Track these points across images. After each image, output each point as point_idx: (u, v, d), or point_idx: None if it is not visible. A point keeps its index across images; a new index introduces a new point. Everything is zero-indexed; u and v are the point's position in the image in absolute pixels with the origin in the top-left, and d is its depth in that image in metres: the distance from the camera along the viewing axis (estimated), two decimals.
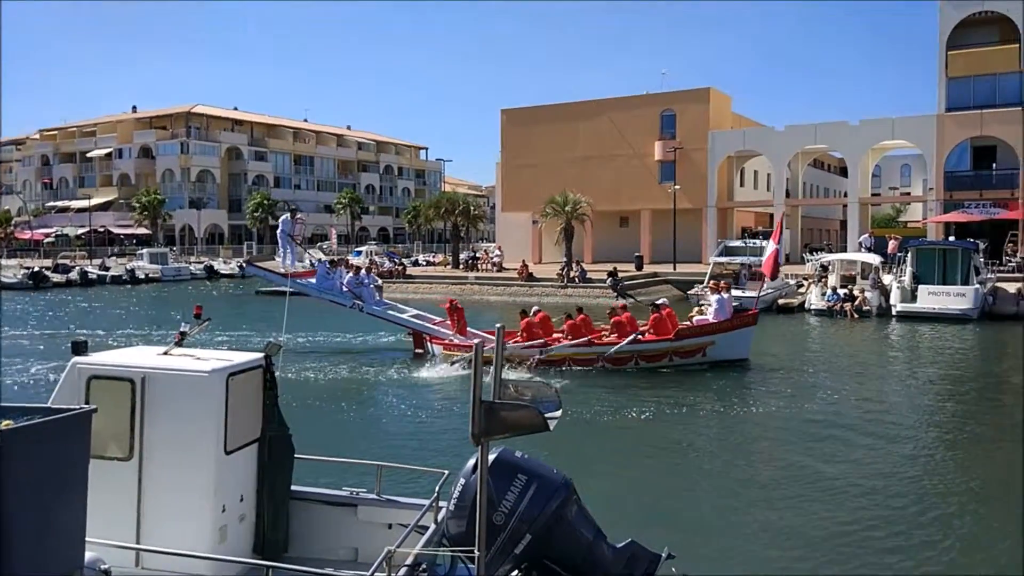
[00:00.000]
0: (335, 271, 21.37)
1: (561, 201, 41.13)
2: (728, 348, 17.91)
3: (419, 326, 20.60)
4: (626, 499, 9.42)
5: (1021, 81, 41.26)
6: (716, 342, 17.81)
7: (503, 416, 3.81)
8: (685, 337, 17.71)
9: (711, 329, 17.94)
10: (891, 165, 75.98)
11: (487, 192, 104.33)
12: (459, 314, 19.92)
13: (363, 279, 21.33)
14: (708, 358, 17.80)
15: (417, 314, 21.26)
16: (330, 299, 21.12)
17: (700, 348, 17.80)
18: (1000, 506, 9.26)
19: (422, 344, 20.37)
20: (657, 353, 17.57)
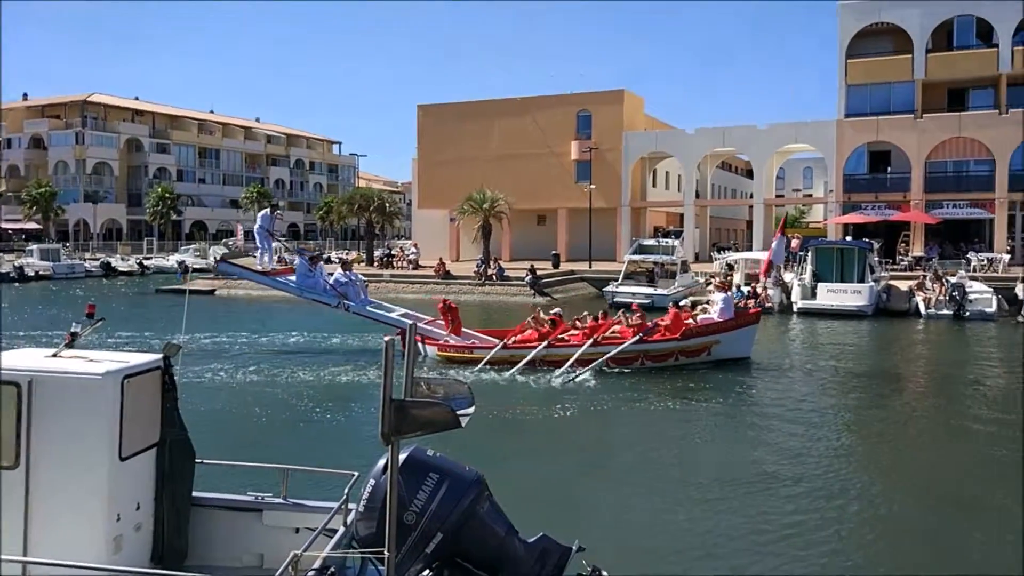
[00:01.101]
0: (316, 268, 20.39)
1: (479, 198, 41.13)
2: (732, 347, 17.97)
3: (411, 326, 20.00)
4: (544, 494, 9.47)
5: (913, 90, 43.49)
6: (721, 341, 17.80)
7: (414, 414, 3.74)
8: (691, 336, 17.59)
9: (716, 328, 17.91)
10: (794, 168, 79.00)
11: (403, 188, 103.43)
12: (453, 314, 19.36)
13: (349, 277, 20.39)
14: (712, 357, 17.74)
15: (406, 313, 20.67)
16: (313, 298, 20.23)
17: (706, 347, 17.74)
18: (905, 499, 9.67)
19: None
20: (664, 352, 17.40)
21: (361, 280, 21.01)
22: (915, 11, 42.90)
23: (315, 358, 19.24)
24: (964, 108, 43.76)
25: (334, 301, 19.72)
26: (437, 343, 18.82)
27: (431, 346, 18.93)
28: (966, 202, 42.42)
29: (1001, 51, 41.51)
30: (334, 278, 20.03)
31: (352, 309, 19.75)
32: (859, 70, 44.35)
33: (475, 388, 12.21)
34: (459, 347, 18.54)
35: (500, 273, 37.99)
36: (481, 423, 12.43)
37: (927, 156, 42.57)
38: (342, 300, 19.64)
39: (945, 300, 28.44)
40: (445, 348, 18.62)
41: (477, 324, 24.15)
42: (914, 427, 13.53)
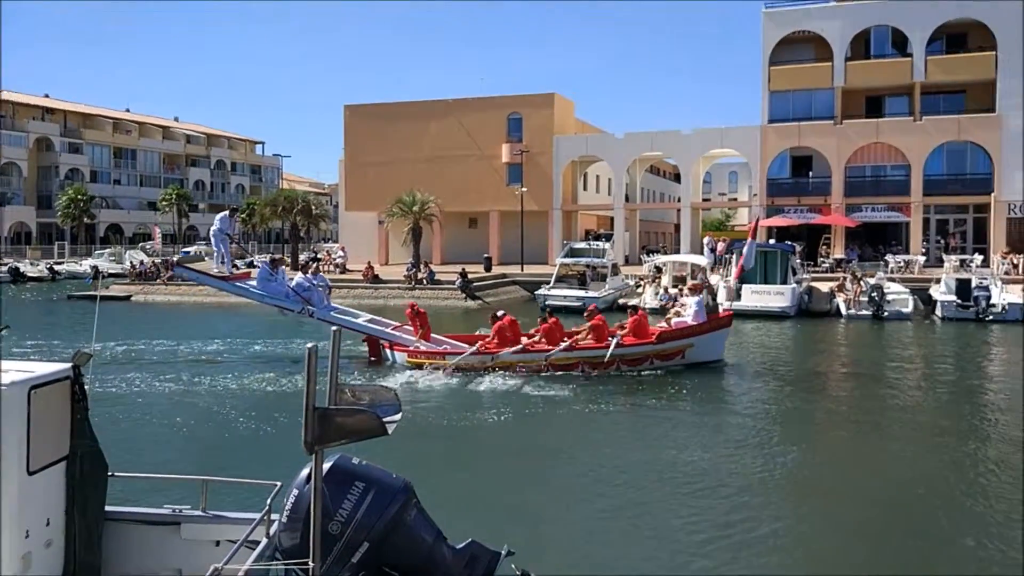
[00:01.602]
0: (277, 272, 19.62)
1: (408, 201, 40.85)
2: (705, 350, 18.00)
3: (378, 332, 19.37)
4: (476, 499, 9.41)
5: (833, 97, 44.98)
6: (695, 344, 17.78)
7: (338, 422, 3.66)
8: (666, 340, 17.52)
9: (691, 332, 17.87)
10: (720, 172, 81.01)
11: (330, 190, 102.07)
12: (422, 319, 19.00)
13: (312, 280, 19.67)
14: (686, 360, 17.71)
15: (372, 319, 20.14)
16: (275, 304, 19.53)
17: (680, 351, 17.70)
18: (839, 495, 9.91)
19: (378, 351, 19.28)
20: (639, 356, 17.31)
21: (326, 284, 20.41)
22: (835, 20, 44.43)
23: (237, 366, 18.71)
24: (881, 115, 45.52)
25: (297, 306, 19.09)
26: (407, 349, 18.46)
27: (400, 352, 18.57)
28: (884, 206, 44.10)
29: (915, 61, 43.27)
30: (295, 282, 19.41)
31: (316, 315, 19.10)
32: (782, 77, 45.67)
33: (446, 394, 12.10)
34: (430, 353, 18.21)
35: (431, 277, 37.76)
36: (422, 429, 12.32)
37: (847, 161, 44.12)
38: (306, 305, 19.01)
39: (864, 301, 29.45)
40: (416, 355, 18.25)
41: None
42: (845, 424, 13.90)
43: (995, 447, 11.84)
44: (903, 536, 8.40)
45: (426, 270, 38.55)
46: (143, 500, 6.00)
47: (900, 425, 13.38)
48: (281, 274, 19.74)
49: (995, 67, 41.86)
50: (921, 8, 43.08)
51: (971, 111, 43.25)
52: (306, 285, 19.38)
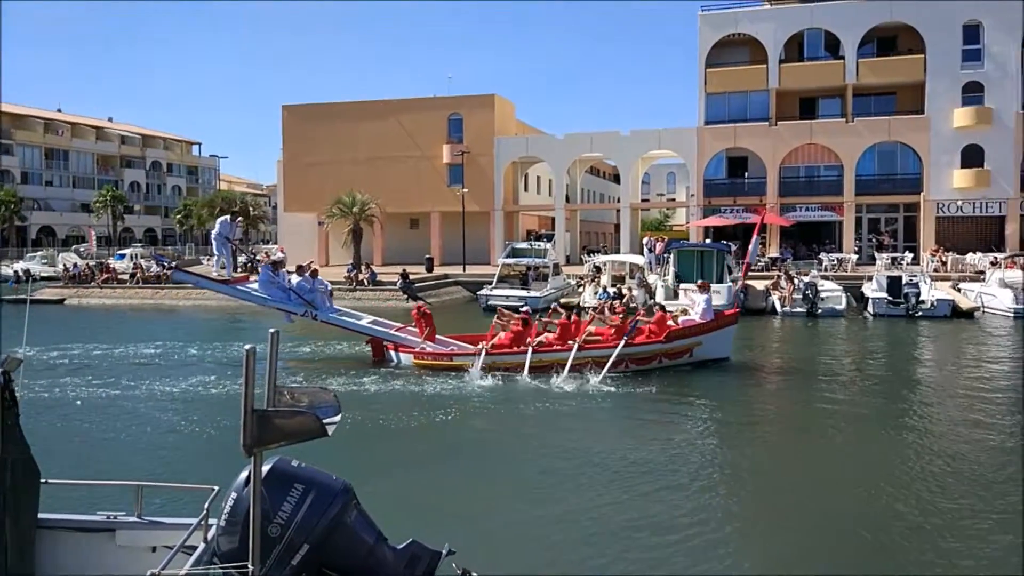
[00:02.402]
0: (278, 274, 19.50)
1: (348, 201, 40.51)
2: (713, 348, 17.98)
3: (382, 334, 19.22)
4: (419, 499, 9.38)
5: (768, 98, 46.04)
6: (703, 343, 17.76)
7: (277, 424, 3.65)
8: (676, 339, 17.43)
9: (699, 330, 17.85)
10: (659, 173, 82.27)
11: (268, 191, 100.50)
12: (428, 320, 18.92)
13: (313, 284, 19.56)
14: (694, 358, 17.72)
15: (375, 320, 20.03)
16: (277, 307, 19.51)
17: (688, 349, 17.68)
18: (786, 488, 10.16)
19: (382, 353, 19.07)
20: (648, 355, 17.23)
21: (326, 287, 20.29)
22: (769, 23, 45.50)
23: (174, 369, 18.30)
24: (815, 116, 46.73)
25: (301, 309, 19.10)
26: (413, 351, 18.29)
27: (405, 354, 18.37)
28: (817, 205, 45.32)
29: (847, 63, 44.56)
30: (296, 284, 19.33)
31: (320, 317, 19.17)
32: (718, 79, 46.55)
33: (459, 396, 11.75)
34: (438, 354, 18.07)
35: (372, 278, 37.47)
36: (379, 429, 12.25)
37: (781, 162, 45.23)
38: (309, 308, 18.98)
39: (798, 299, 30.23)
40: (422, 356, 18.09)
41: (346, 333, 23.79)
42: (782, 418, 14.26)
43: (933, 437, 12.29)
44: (845, 530, 8.67)
45: (367, 271, 38.24)
46: (77, 507, 5.86)
47: (833, 418, 13.77)
48: (282, 277, 19.68)
49: (924, 70, 43.40)
50: (852, 11, 44.44)
51: (901, 112, 44.77)
52: (307, 287, 19.35)
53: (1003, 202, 42.42)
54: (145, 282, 40.30)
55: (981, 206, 42.91)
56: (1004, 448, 11.46)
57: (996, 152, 42.24)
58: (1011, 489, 9.52)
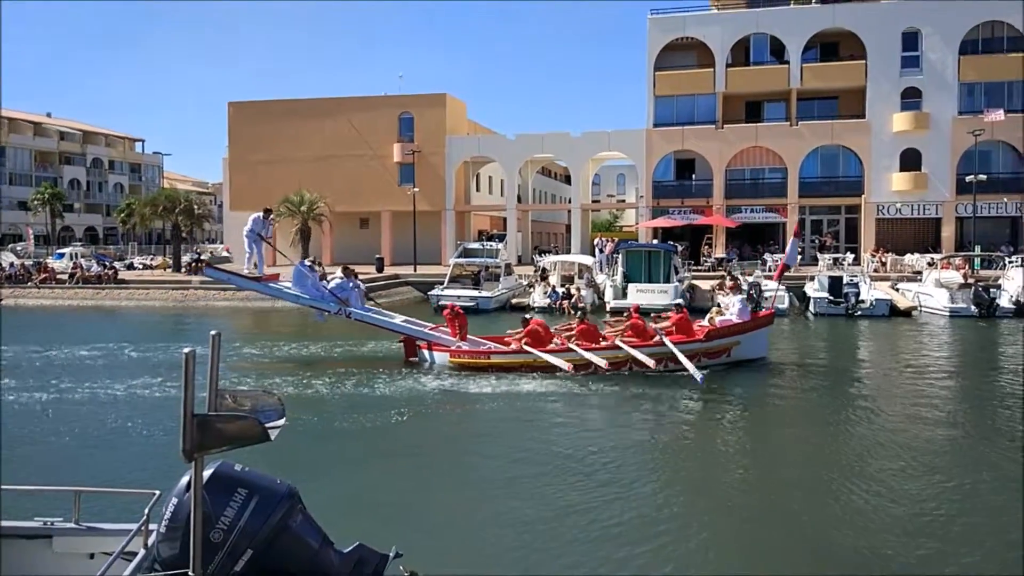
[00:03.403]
0: (312, 273, 19.63)
1: (296, 200, 40.05)
2: (750, 347, 18.07)
3: (416, 332, 19.07)
4: (364, 502, 9.31)
5: (715, 102, 46.79)
6: (741, 342, 17.85)
7: (219, 429, 3.60)
8: (715, 338, 17.50)
9: (737, 329, 17.90)
10: (609, 174, 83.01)
11: (214, 189, 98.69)
12: (461, 320, 18.85)
13: (350, 283, 19.60)
14: (732, 358, 17.76)
15: (408, 320, 19.93)
16: (311, 305, 19.56)
17: (726, 348, 17.74)
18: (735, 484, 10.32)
19: (414, 352, 18.81)
20: (688, 354, 16.99)
21: (362, 288, 20.30)
22: (716, 28, 46.24)
23: (117, 371, 17.83)
24: (760, 119, 47.66)
25: (334, 307, 19.12)
26: (448, 349, 18.11)
27: (440, 352, 18.19)
28: (762, 207, 46.24)
29: (791, 68, 45.53)
30: (335, 284, 19.40)
31: (355, 316, 19.21)
32: (666, 82, 47.14)
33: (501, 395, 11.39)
34: (474, 353, 17.93)
35: (321, 278, 36.96)
36: (329, 431, 12.11)
37: (727, 164, 46.03)
38: (343, 306, 19.00)
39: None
40: (458, 354, 17.92)
41: (296, 333, 23.53)
42: (730, 412, 14.49)
43: (874, 429, 12.62)
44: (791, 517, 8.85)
45: (318, 270, 37.72)
46: (12, 513, 5.69)
47: (780, 412, 14.08)
48: (315, 275, 19.75)
49: (865, 75, 44.57)
50: (796, 16, 45.45)
51: (843, 116, 45.92)
52: (348, 286, 19.37)
53: (939, 204, 43.77)
54: (85, 282, 39.24)
55: (919, 208, 44.23)
56: (940, 438, 11.86)
57: (933, 156, 43.59)
58: (956, 474, 9.85)
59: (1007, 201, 42.84)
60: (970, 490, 9.62)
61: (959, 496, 9.39)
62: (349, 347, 21.23)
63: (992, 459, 10.92)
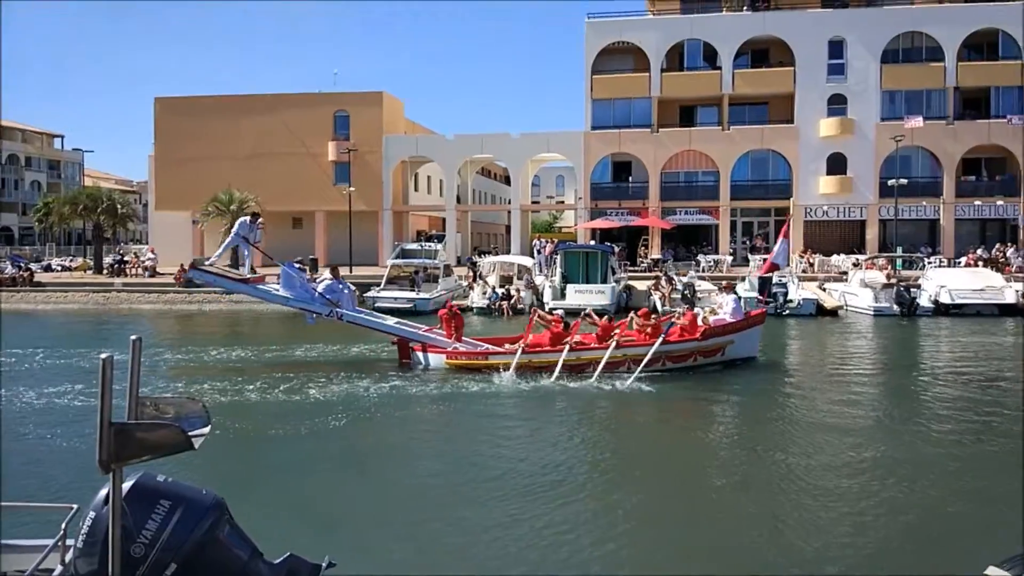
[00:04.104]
0: (300, 274, 19.38)
1: (226, 199, 39.14)
2: (743, 346, 18.32)
3: (409, 333, 18.73)
4: (297, 510, 9.05)
5: (651, 106, 47.40)
6: (735, 341, 18.07)
7: (139, 438, 3.42)
8: (710, 337, 17.66)
9: (732, 328, 18.16)
10: (548, 175, 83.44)
11: (139, 188, 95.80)
12: (457, 320, 18.71)
13: (339, 283, 19.26)
14: (726, 357, 17.97)
15: (400, 321, 19.81)
16: (301, 307, 19.12)
17: (721, 347, 17.93)
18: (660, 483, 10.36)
19: (408, 354, 18.36)
20: (685, 353, 17.32)
21: (352, 289, 19.86)
22: (651, 33, 46.85)
23: (32, 378, 17.04)
24: (693, 124, 48.47)
25: (325, 310, 18.72)
26: (445, 351, 17.80)
27: (436, 354, 17.88)
28: (696, 209, 47.04)
29: (724, 74, 46.43)
30: (325, 285, 19.04)
31: (346, 318, 18.85)
32: (603, 86, 47.58)
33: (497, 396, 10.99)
34: (472, 354, 17.65)
35: None
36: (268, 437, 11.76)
37: (663, 167, 46.70)
38: (334, 308, 18.61)
39: (678, 298, 31.27)
40: (455, 356, 17.62)
41: (226, 336, 22.97)
42: (658, 410, 14.64)
43: (803, 423, 12.90)
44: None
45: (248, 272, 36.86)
46: None
47: (720, 410, 14.29)
48: (303, 276, 19.55)
49: (793, 82, 45.75)
50: (728, 23, 46.39)
51: (773, 122, 47.01)
52: (338, 287, 19.05)
53: (864, 207, 45.20)
54: None
55: (844, 211, 45.60)
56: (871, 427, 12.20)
57: (857, 160, 45.01)
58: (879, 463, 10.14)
59: (926, 204, 44.52)
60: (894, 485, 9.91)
61: (885, 490, 9.65)
62: (280, 351, 20.82)
63: (913, 445, 11.29)
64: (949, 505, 9.17)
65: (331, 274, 19.76)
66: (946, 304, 29.85)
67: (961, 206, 44.35)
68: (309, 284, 19.28)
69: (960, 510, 9.03)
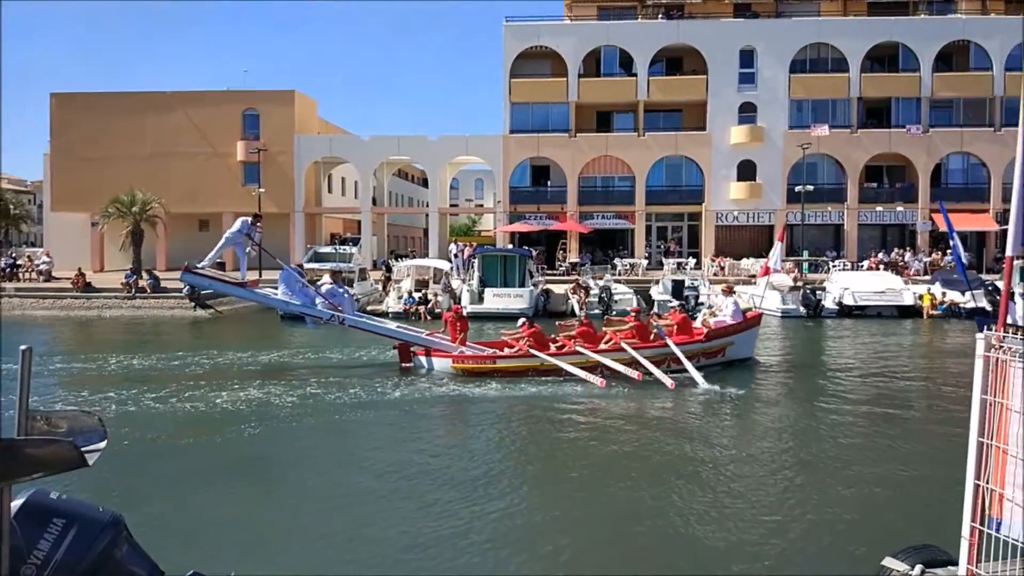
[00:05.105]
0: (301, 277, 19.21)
1: (127, 200, 37.56)
2: (742, 347, 18.66)
3: (413, 337, 18.19)
4: (201, 525, 8.56)
5: (568, 111, 47.82)
6: (735, 342, 18.35)
7: (27, 455, 3.08)
8: (714, 338, 17.92)
9: (733, 330, 18.44)
10: (467, 178, 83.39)
11: (33, 188, 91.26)
12: (463, 323, 18.50)
13: (339, 287, 19.23)
14: (726, 357, 18.16)
15: (402, 325, 19.78)
16: (301, 311, 18.68)
17: (722, 348, 18.13)
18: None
19: (408, 358, 17.80)
20: (689, 354, 17.17)
21: (351, 294, 19.47)
22: (569, 38, 47.29)
23: None
24: (610, 130, 49.10)
25: (326, 314, 18.34)
26: (450, 355, 17.51)
27: (441, 358, 17.44)
28: (613, 214, 47.71)
29: (639, 81, 47.22)
30: (326, 289, 18.81)
31: (349, 322, 18.54)
32: (522, 90, 47.75)
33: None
34: (480, 358, 17.40)
35: (154, 285, 34.74)
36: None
37: (580, 172, 47.18)
38: (336, 313, 18.23)
39: (595, 302, 31.64)
40: (462, 360, 17.15)
41: (126, 344, 21.98)
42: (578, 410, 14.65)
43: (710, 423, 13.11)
44: None
45: (149, 277, 35.40)
46: None
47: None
48: (303, 280, 19.34)
49: (706, 89, 46.91)
50: (643, 31, 47.24)
51: (686, 129, 48.09)
52: (338, 291, 18.86)
53: (772, 212, 46.70)
54: None
55: (754, 216, 47.02)
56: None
57: (766, 167, 46.49)
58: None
59: (831, 210, 46.33)
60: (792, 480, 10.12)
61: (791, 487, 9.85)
62: (187, 358, 19.99)
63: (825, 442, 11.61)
64: (850, 498, 9.40)
65: (331, 278, 19.74)
66: (849, 306, 31.08)
67: (864, 212, 46.32)
68: (310, 288, 19.01)
69: (861, 502, 9.27)
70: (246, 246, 19.35)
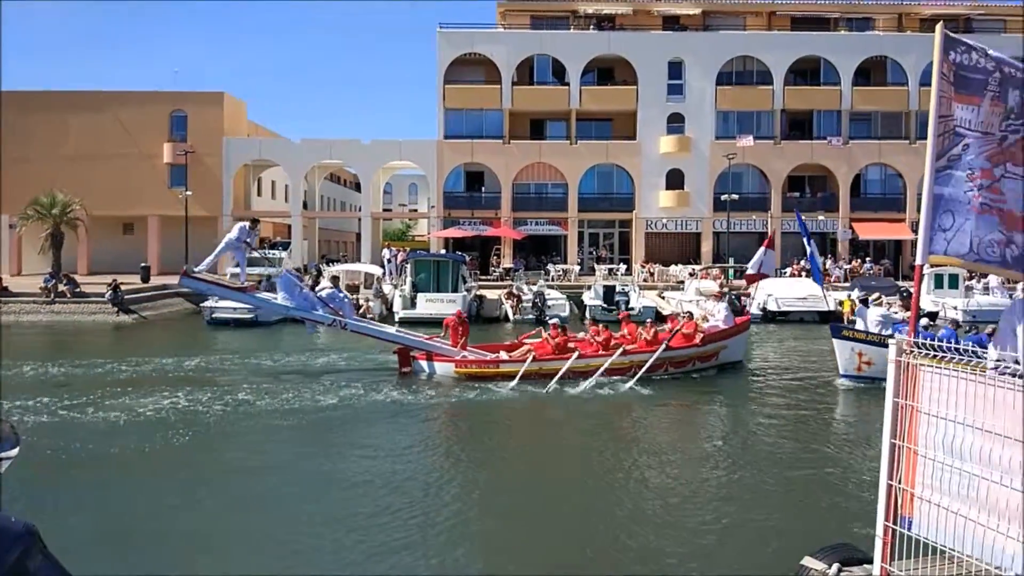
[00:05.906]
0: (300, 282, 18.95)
1: (47, 202, 36.07)
2: (733, 351, 19.21)
3: (413, 342, 17.97)
4: (119, 534, 8.37)
5: (502, 118, 48.02)
6: (728, 346, 18.81)
7: None
8: (709, 342, 18.32)
9: (726, 334, 18.93)
10: (401, 183, 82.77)
11: None
12: (464, 328, 18.49)
13: (339, 291, 18.92)
14: (719, 361, 18.66)
15: (401, 330, 19.76)
16: (303, 316, 18.45)
17: (715, 353, 18.56)
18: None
19: (408, 362, 18.04)
20: (685, 359, 17.86)
21: (351, 299, 19.19)
22: (502, 46, 47.51)
23: None
24: (543, 137, 49.55)
25: (328, 319, 18.13)
26: (453, 360, 17.57)
27: (443, 363, 17.58)
28: (546, 220, 48.10)
29: (571, 90, 47.76)
30: (326, 293, 18.51)
31: (350, 327, 18.35)
32: (456, 95, 47.76)
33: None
34: (482, 363, 17.52)
35: (74, 289, 33.50)
36: None
37: (514, 178, 47.44)
38: (337, 317, 18.01)
39: (528, 307, 31.83)
40: (464, 365, 17.08)
41: (44, 350, 21.18)
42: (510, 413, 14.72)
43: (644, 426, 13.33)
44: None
45: (68, 281, 34.09)
46: None
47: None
48: (303, 285, 19.16)
49: (636, 99, 47.72)
50: (575, 41, 47.81)
51: (617, 138, 48.82)
52: (338, 296, 18.62)
53: (699, 220, 47.74)
54: None
55: (682, 224, 47.99)
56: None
57: (694, 176, 47.53)
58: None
59: (755, 218, 47.60)
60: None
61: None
62: (109, 365, 19.37)
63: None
64: (771, 498, 9.73)
65: (331, 283, 19.53)
66: (773, 311, 31.96)
67: (787, 220, 47.67)
68: (311, 293, 18.75)
69: (781, 502, 9.60)
70: (245, 251, 19.07)
